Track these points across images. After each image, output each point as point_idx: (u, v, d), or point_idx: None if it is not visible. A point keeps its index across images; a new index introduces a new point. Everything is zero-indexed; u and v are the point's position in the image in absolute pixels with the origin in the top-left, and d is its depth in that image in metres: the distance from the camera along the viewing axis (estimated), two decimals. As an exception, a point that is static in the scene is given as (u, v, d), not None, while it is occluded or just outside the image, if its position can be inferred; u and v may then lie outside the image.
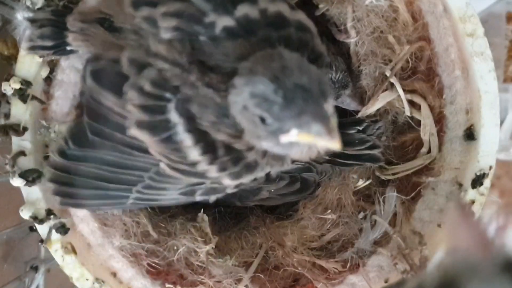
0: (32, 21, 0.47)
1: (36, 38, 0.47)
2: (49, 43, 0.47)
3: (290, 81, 0.35)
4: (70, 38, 0.47)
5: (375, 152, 0.57)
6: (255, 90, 0.36)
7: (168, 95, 0.41)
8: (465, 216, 0.33)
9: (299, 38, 0.42)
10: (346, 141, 0.56)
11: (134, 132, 0.43)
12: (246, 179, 0.44)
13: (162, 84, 0.41)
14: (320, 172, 0.59)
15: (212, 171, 0.43)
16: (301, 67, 0.36)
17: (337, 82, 0.56)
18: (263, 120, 0.37)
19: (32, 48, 0.48)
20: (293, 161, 0.56)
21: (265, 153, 0.43)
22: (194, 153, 0.42)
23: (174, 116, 0.41)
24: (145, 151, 0.44)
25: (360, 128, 0.57)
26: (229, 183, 0.44)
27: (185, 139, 0.42)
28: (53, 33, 0.47)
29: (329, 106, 0.36)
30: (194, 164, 0.43)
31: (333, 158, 0.58)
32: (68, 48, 0.47)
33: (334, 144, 0.36)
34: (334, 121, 0.36)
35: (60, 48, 0.48)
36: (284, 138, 0.37)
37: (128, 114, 0.43)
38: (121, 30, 0.44)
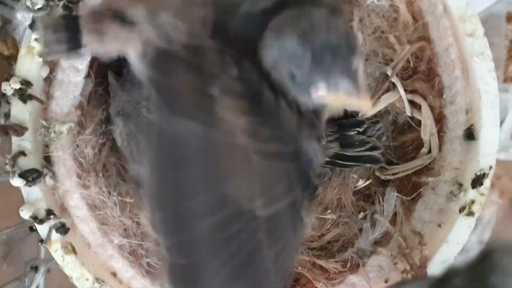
0: (45, 27, 0.47)
1: (52, 44, 0.47)
2: (64, 47, 0.47)
3: (319, 39, 0.35)
4: (85, 39, 0.45)
5: (375, 153, 0.57)
6: (284, 47, 0.36)
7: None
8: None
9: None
10: (346, 143, 0.57)
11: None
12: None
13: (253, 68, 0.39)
14: (319, 175, 0.59)
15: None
16: (329, 23, 0.36)
17: None
18: (293, 76, 0.37)
19: (48, 54, 0.48)
20: None
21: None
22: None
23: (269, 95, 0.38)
24: None
25: (361, 130, 0.57)
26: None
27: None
28: (69, 37, 0.46)
29: (358, 62, 0.35)
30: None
31: (333, 159, 0.58)
32: (83, 49, 0.47)
33: (363, 102, 0.35)
34: (362, 79, 0.36)
35: (75, 50, 0.47)
36: (315, 94, 0.37)
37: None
38: (134, 24, 0.43)
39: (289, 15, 0.38)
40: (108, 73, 0.55)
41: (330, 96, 0.36)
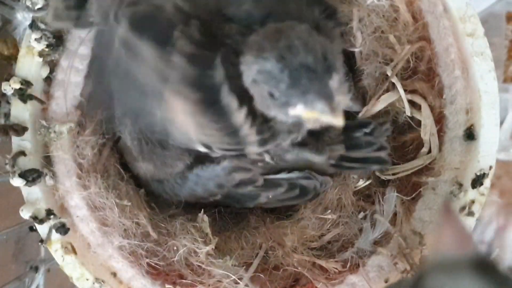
0: None
1: (62, 11, 0.47)
2: (73, 13, 0.47)
3: (296, 61, 0.36)
4: (94, 7, 0.46)
5: (382, 154, 0.56)
6: (263, 68, 0.38)
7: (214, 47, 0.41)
8: (448, 214, 0.34)
9: None
10: (353, 145, 0.56)
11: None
12: (271, 146, 0.46)
13: (209, 34, 0.41)
14: (321, 184, 0.58)
15: (252, 136, 0.44)
16: (308, 43, 0.37)
17: None
18: (271, 94, 0.39)
19: (58, 19, 0.48)
20: (292, 169, 0.57)
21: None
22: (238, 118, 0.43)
23: (220, 73, 0.41)
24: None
25: (368, 131, 0.56)
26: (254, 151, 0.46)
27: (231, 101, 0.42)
28: (78, 3, 0.47)
29: (334, 82, 0.37)
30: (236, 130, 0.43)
31: (340, 162, 0.57)
32: (91, 19, 0.47)
33: (337, 121, 0.37)
34: (344, 89, 0.39)
35: (83, 19, 0.47)
36: (292, 112, 0.39)
37: (171, 69, 0.41)
38: None
39: (269, 32, 0.39)
40: None
41: (306, 114, 0.38)
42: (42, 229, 0.54)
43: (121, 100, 0.52)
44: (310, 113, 0.38)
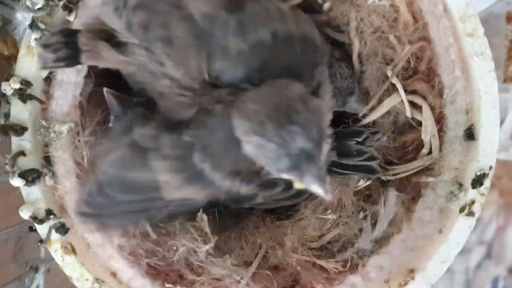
0: (44, 46, 0.47)
1: (51, 62, 0.48)
2: (62, 64, 0.48)
3: (296, 147, 0.38)
4: (83, 57, 0.47)
5: (373, 163, 0.57)
6: (262, 145, 0.39)
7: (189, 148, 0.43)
8: None
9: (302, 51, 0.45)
10: (344, 152, 0.57)
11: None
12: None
13: (182, 144, 0.43)
14: None
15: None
16: (307, 125, 0.39)
17: (343, 90, 0.56)
18: (267, 165, 0.41)
19: (46, 68, 0.49)
20: None
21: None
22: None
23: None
24: None
25: (359, 140, 0.57)
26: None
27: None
28: (67, 55, 0.47)
29: (324, 149, 0.40)
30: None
31: (330, 167, 0.58)
32: (81, 65, 0.49)
33: (328, 197, 0.40)
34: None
35: (73, 65, 0.49)
36: (285, 177, 0.41)
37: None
38: (126, 46, 0.45)
39: (265, 96, 0.40)
40: (105, 91, 0.54)
41: (299, 185, 0.42)
42: (42, 229, 0.54)
43: None
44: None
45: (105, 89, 0.54)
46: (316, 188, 0.39)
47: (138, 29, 0.44)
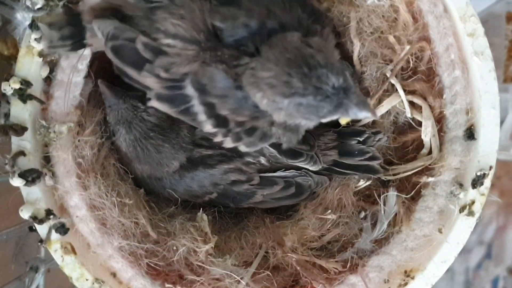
0: (50, 24, 0.48)
1: (57, 40, 0.48)
2: (68, 42, 0.48)
3: (330, 87, 0.38)
4: (88, 35, 0.48)
5: (374, 163, 0.57)
6: (300, 102, 0.39)
7: (183, 77, 0.44)
8: None
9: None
10: (346, 151, 0.57)
11: (155, 103, 0.46)
12: (261, 146, 0.49)
13: (176, 71, 0.44)
14: (317, 183, 0.59)
15: (228, 142, 0.46)
16: (327, 63, 0.39)
17: None
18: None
19: (52, 48, 0.49)
20: (289, 168, 0.58)
21: (280, 124, 0.45)
22: (208, 126, 0.46)
23: (190, 90, 0.44)
24: None
25: (361, 139, 0.57)
26: (244, 150, 0.48)
27: (200, 112, 0.45)
28: (72, 33, 0.48)
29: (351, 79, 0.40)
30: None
31: (331, 166, 0.58)
32: (85, 42, 0.49)
33: (375, 116, 0.42)
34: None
35: (78, 44, 0.49)
36: (328, 120, 0.42)
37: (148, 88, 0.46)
38: (132, 18, 0.46)
39: (280, 56, 0.40)
40: (99, 82, 0.55)
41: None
42: (42, 229, 0.54)
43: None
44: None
45: (99, 80, 0.55)
46: (364, 114, 0.40)
47: None
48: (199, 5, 0.44)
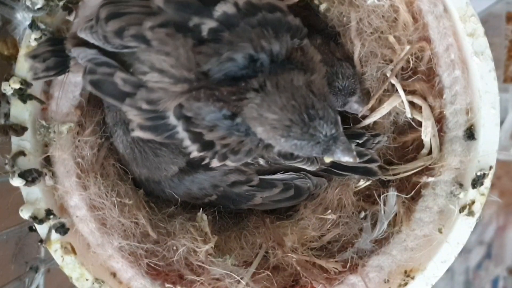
0: (33, 57, 0.49)
1: (41, 72, 0.48)
2: (52, 73, 0.49)
3: (324, 135, 0.43)
4: (71, 64, 0.49)
5: (373, 166, 0.57)
6: (294, 144, 0.44)
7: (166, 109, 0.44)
8: None
9: (272, 19, 0.45)
10: None
11: (138, 133, 0.46)
12: (247, 160, 0.50)
13: (160, 105, 0.44)
14: (315, 185, 0.59)
15: (215, 163, 0.48)
16: (324, 112, 0.43)
17: (344, 89, 0.56)
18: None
19: (37, 78, 0.50)
20: (288, 170, 0.58)
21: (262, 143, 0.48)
22: (194, 152, 0.47)
23: (173, 120, 0.45)
24: None
25: (360, 142, 0.57)
26: (231, 165, 0.51)
27: (185, 138, 0.46)
28: (57, 64, 0.49)
29: (340, 125, 0.45)
30: None
31: (330, 168, 0.58)
32: (69, 70, 0.50)
33: (357, 161, 0.46)
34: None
35: (62, 73, 0.50)
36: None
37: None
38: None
39: (277, 99, 0.43)
40: None
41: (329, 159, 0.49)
42: (42, 229, 0.54)
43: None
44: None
45: None
46: (346, 159, 0.45)
47: (114, 38, 0.44)
48: (183, 42, 0.43)
